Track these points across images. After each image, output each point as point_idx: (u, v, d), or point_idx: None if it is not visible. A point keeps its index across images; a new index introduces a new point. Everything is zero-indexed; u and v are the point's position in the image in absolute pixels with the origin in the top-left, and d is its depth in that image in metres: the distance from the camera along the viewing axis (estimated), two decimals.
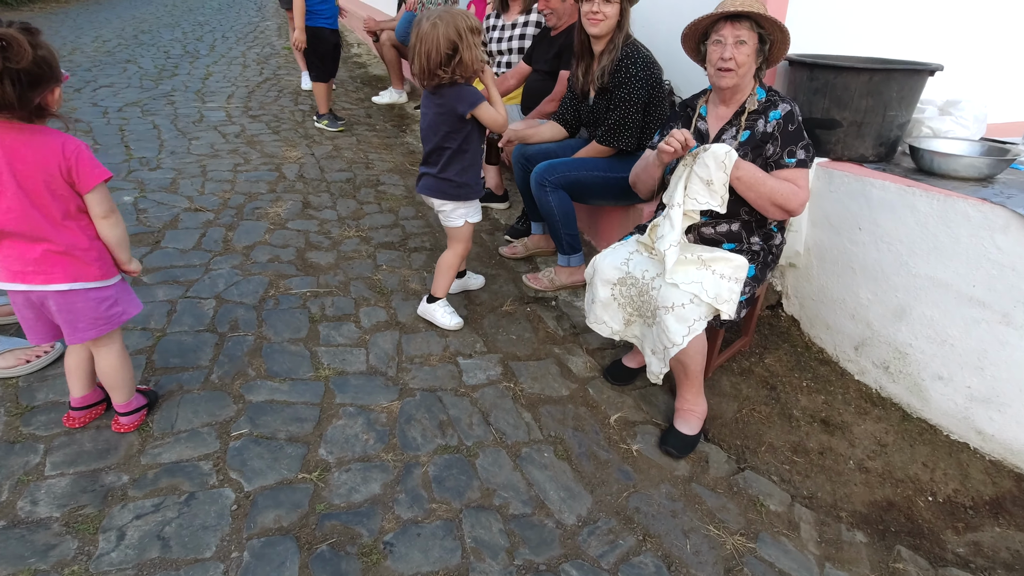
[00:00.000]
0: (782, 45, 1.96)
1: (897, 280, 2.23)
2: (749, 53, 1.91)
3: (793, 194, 1.93)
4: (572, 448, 1.93)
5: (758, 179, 1.91)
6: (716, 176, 1.88)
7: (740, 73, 1.94)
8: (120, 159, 3.75)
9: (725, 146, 1.87)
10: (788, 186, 1.93)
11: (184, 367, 2.02)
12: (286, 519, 1.53)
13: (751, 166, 1.91)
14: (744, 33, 1.88)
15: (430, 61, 2.09)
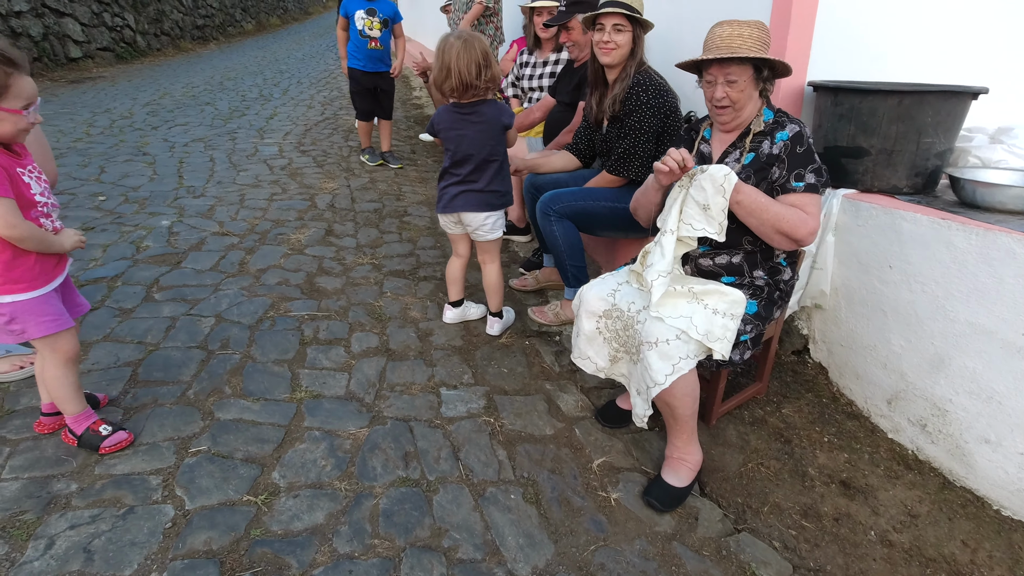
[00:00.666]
0: (782, 66, 1.82)
1: (933, 326, 1.96)
2: (743, 88, 1.78)
3: (801, 221, 1.75)
4: (544, 491, 1.78)
5: (761, 204, 1.74)
6: (714, 200, 1.74)
7: (737, 108, 1.81)
8: (171, 187, 3.99)
9: (724, 167, 1.73)
10: (795, 212, 1.75)
11: (165, 381, 2.04)
12: (217, 542, 1.46)
13: (753, 190, 1.76)
14: (733, 71, 1.76)
15: (470, 74, 2.20)
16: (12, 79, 1.40)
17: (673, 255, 1.79)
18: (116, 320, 2.37)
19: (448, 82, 2.24)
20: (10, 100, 1.42)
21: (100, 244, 3.05)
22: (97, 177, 4.11)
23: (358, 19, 4.25)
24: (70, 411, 1.70)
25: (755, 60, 1.76)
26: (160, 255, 2.96)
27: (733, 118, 1.86)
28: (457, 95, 2.29)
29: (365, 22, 4.24)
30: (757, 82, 1.81)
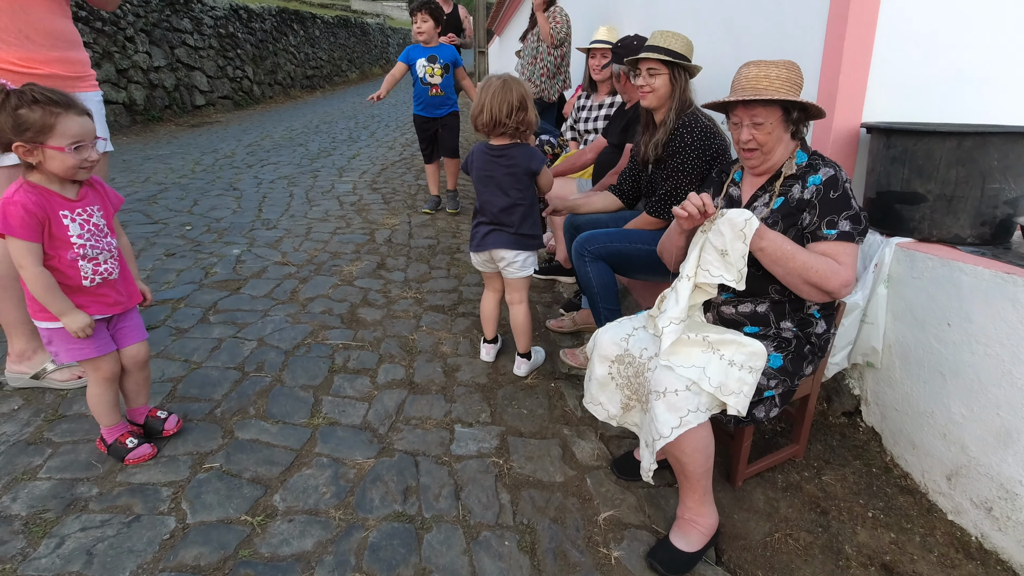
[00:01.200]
0: (815, 109, 1.72)
1: (998, 393, 1.72)
2: (770, 131, 1.71)
3: (833, 272, 1.62)
4: (541, 541, 1.70)
5: (786, 252, 1.63)
6: (733, 246, 1.65)
7: (765, 151, 1.74)
8: (249, 219, 4.33)
9: (745, 212, 1.64)
10: (826, 262, 1.63)
11: (198, 398, 2.17)
12: (206, 558, 1.51)
13: (779, 236, 1.65)
14: (760, 113, 1.70)
15: (501, 111, 2.26)
16: (58, 119, 1.56)
17: (688, 301, 1.70)
18: (171, 339, 2.57)
19: (480, 117, 2.30)
20: (56, 138, 1.57)
21: (176, 269, 3.34)
22: (190, 209, 4.54)
23: (419, 67, 4.31)
24: (105, 423, 1.83)
25: (782, 102, 1.68)
26: (224, 280, 3.20)
27: (762, 161, 1.78)
28: (487, 131, 2.35)
29: (426, 69, 4.29)
30: (787, 124, 1.72)
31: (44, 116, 1.52)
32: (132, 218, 4.25)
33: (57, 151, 1.55)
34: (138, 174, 5.67)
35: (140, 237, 3.85)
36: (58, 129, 1.54)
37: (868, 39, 2.21)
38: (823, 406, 2.35)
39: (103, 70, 9.00)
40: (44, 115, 1.52)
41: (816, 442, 2.18)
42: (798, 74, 1.72)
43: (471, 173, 2.43)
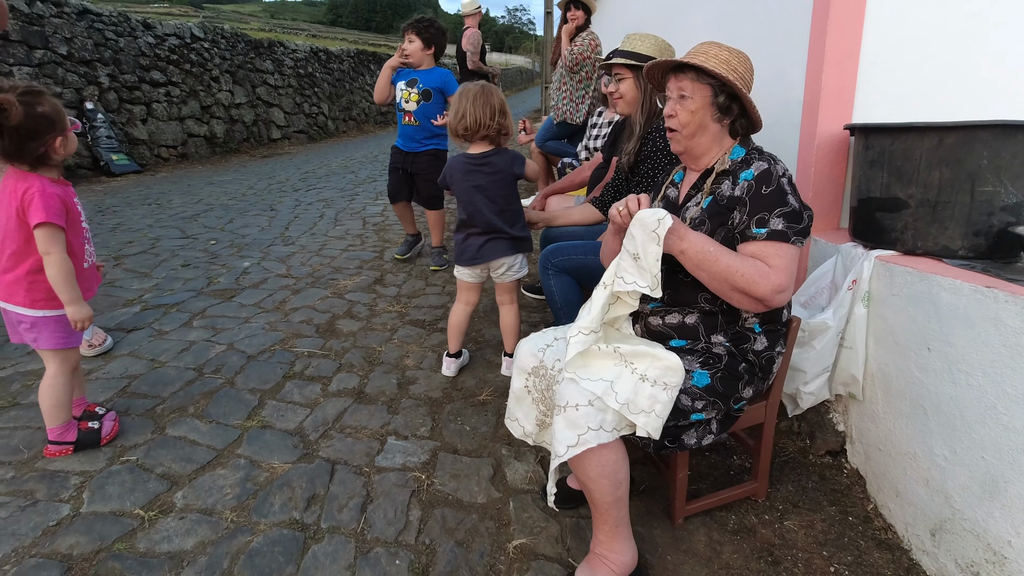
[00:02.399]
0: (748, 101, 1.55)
1: (982, 433, 1.44)
2: (693, 110, 1.55)
3: (761, 276, 1.42)
4: (437, 565, 1.57)
5: (709, 255, 1.45)
6: (646, 249, 1.48)
7: (685, 134, 1.58)
8: (273, 236, 4.51)
9: (659, 211, 1.47)
10: (754, 265, 1.43)
11: (146, 395, 2.21)
12: (80, 548, 1.50)
13: (701, 238, 1.47)
14: (687, 86, 1.55)
15: (484, 114, 2.27)
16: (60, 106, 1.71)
17: (604, 312, 1.54)
18: (148, 340, 2.66)
19: (463, 122, 2.28)
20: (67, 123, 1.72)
21: (185, 278, 3.50)
22: (223, 227, 4.79)
23: (398, 91, 3.63)
24: (63, 418, 1.83)
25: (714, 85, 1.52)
26: (222, 290, 3.31)
27: (684, 148, 1.62)
28: (468, 136, 2.32)
29: (403, 94, 3.60)
30: (714, 110, 1.56)
31: (55, 107, 1.64)
32: (167, 233, 4.54)
33: (71, 133, 1.68)
34: (194, 197, 6.09)
35: (167, 249, 4.09)
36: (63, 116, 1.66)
37: (854, 37, 2.01)
38: (805, 443, 2.07)
39: (188, 106, 9.86)
40: (55, 106, 1.64)
41: (787, 482, 1.91)
42: (744, 65, 1.56)
43: (452, 187, 2.39)
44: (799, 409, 1.97)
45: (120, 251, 4.03)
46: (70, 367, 1.84)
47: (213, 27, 10.87)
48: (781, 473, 1.96)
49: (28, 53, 7.22)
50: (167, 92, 9.41)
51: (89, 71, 8.05)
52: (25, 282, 1.74)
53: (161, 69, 9.33)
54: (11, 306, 1.76)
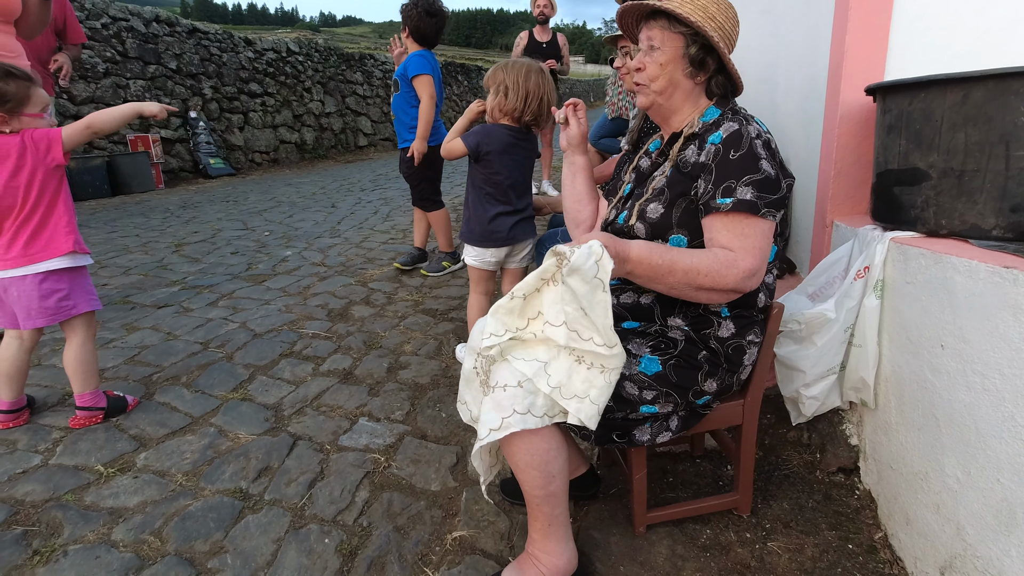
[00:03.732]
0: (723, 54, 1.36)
1: (999, 449, 1.16)
2: (664, 62, 1.38)
3: (726, 266, 1.22)
4: (367, 548, 1.49)
5: (662, 266, 1.23)
6: (591, 301, 1.18)
7: (655, 88, 1.41)
8: (323, 230, 4.68)
9: (591, 247, 1.16)
10: (715, 257, 1.23)
11: (148, 363, 2.32)
12: (33, 496, 1.56)
13: (645, 248, 1.24)
14: (656, 35, 1.38)
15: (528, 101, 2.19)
16: (32, 90, 1.82)
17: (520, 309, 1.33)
18: (172, 316, 2.81)
19: (530, 106, 2.20)
20: (32, 107, 1.83)
21: (229, 264, 3.70)
22: (281, 220, 5.04)
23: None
24: (94, 384, 1.91)
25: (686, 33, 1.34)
26: (257, 275, 3.45)
27: (651, 102, 1.44)
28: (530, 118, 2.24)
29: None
30: (685, 64, 1.38)
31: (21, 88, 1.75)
32: (231, 225, 4.84)
33: (36, 117, 1.78)
34: (268, 195, 6.47)
35: (224, 239, 4.35)
36: (33, 99, 1.76)
37: None
38: (814, 457, 1.79)
39: (282, 115, 10.58)
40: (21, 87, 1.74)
41: (783, 499, 1.66)
42: (725, 15, 1.37)
43: (487, 157, 2.25)
44: (803, 417, 1.71)
45: (183, 239, 4.34)
46: (95, 331, 1.94)
47: (308, 41, 11.61)
48: (778, 489, 1.70)
49: (143, 68, 8.05)
50: (263, 102, 10.14)
51: (195, 83, 8.84)
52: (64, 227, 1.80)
53: (259, 81, 10.07)
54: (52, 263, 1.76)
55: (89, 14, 7.42)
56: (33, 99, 1.82)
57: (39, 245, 1.76)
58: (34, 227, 1.76)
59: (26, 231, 1.75)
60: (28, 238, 1.75)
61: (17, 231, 1.74)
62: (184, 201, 6.20)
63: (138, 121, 7.87)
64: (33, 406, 1.97)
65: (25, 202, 1.75)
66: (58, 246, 1.78)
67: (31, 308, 1.76)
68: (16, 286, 1.74)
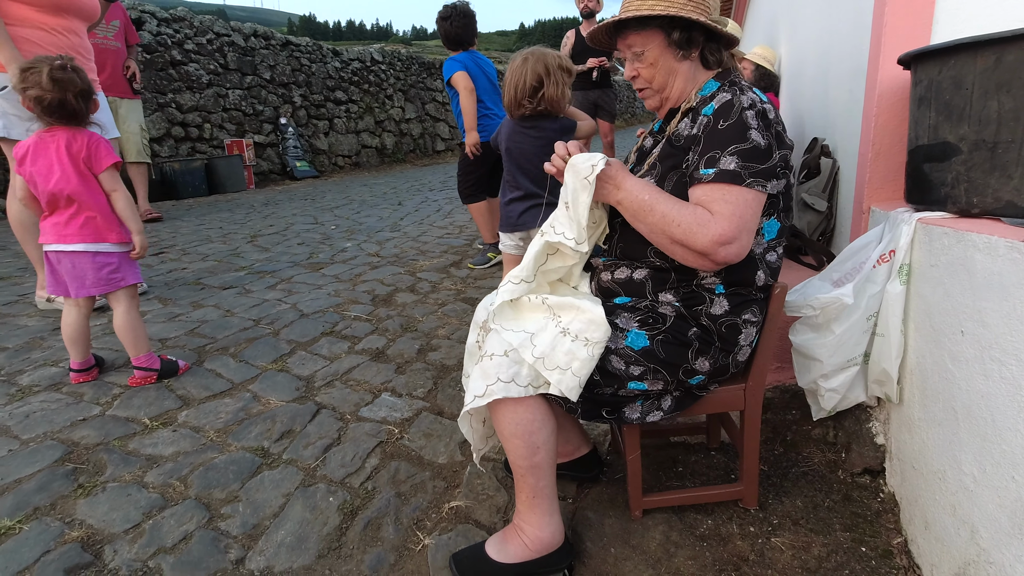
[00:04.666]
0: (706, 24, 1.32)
1: (1015, 444, 1.06)
2: (653, 61, 1.37)
3: (699, 225, 1.21)
4: (367, 509, 1.56)
5: (644, 204, 1.27)
6: (575, 198, 1.33)
7: (656, 87, 1.40)
8: (384, 225, 4.88)
9: (595, 156, 1.32)
10: (692, 213, 1.22)
11: (204, 335, 2.53)
12: (87, 439, 1.75)
13: (640, 185, 1.29)
14: (634, 41, 1.38)
15: (516, 92, 2.29)
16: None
17: (536, 259, 1.41)
18: (234, 296, 3.05)
19: (520, 95, 2.31)
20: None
21: (293, 253, 3.95)
22: (349, 216, 5.32)
23: None
24: (146, 347, 2.12)
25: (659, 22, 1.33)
26: (316, 263, 3.67)
27: (659, 102, 1.43)
28: (508, 110, 2.35)
29: None
30: (673, 50, 1.35)
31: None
32: (302, 220, 5.16)
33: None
34: (343, 195, 6.84)
35: (295, 232, 4.65)
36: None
37: None
38: (839, 456, 1.68)
39: (364, 121, 11.12)
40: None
41: (798, 496, 1.57)
42: None
43: (500, 146, 2.46)
44: (823, 411, 1.60)
45: (259, 231, 4.68)
46: (138, 301, 2.16)
47: (391, 51, 12.15)
48: (794, 486, 1.61)
49: (241, 78, 8.74)
50: (347, 109, 10.71)
51: (286, 92, 9.48)
52: (113, 220, 2.05)
53: (344, 89, 10.65)
54: (105, 245, 2.05)
55: (196, 31, 8.17)
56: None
57: (91, 228, 1.99)
58: (88, 214, 1.98)
59: (81, 216, 1.98)
60: (84, 221, 1.98)
61: (75, 214, 1.97)
62: (267, 199, 6.67)
63: (234, 126, 8.56)
64: (102, 366, 2.20)
65: (86, 190, 1.97)
66: (107, 233, 2.02)
67: (86, 279, 1.99)
68: (71, 259, 1.98)
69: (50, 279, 2.04)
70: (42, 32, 2.48)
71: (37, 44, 2.46)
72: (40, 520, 1.44)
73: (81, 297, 2.04)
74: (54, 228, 1.99)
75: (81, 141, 1.97)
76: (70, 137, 1.96)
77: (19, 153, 1.96)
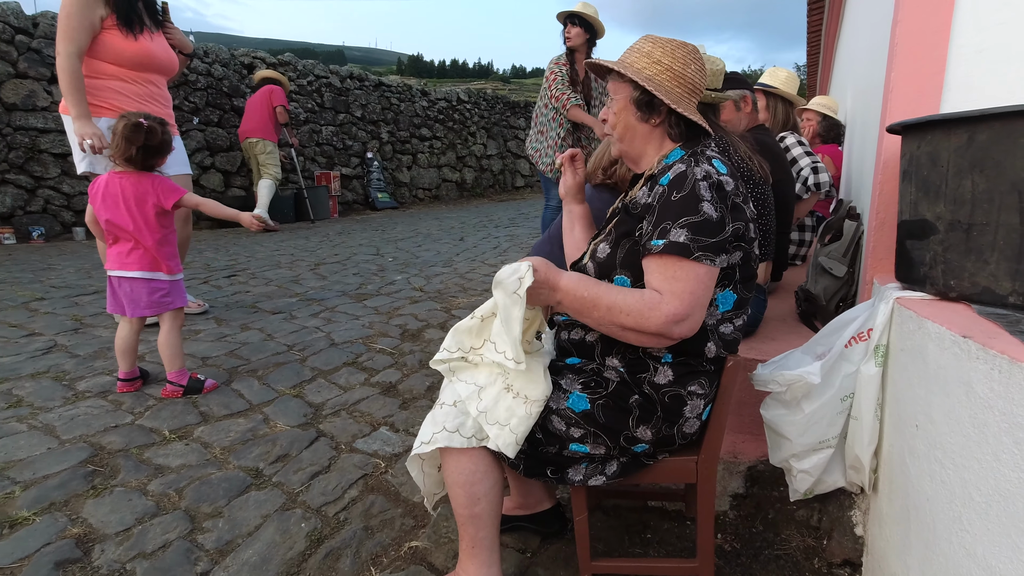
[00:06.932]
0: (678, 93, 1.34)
1: (949, 556, 0.98)
2: (617, 110, 1.41)
3: (649, 308, 1.20)
4: (332, 538, 1.64)
5: (586, 299, 1.26)
6: (509, 314, 1.26)
7: (617, 135, 1.43)
8: (441, 259, 5.08)
9: (519, 266, 1.27)
10: (641, 297, 1.22)
11: (239, 356, 2.75)
12: (112, 444, 1.97)
13: (575, 280, 1.28)
14: (611, 86, 1.43)
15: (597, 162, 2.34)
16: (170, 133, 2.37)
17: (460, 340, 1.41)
18: (279, 321, 3.29)
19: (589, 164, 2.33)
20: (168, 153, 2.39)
21: (345, 283, 4.21)
22: (409, 249, 5.58)
23: None
24: (180, 364, 2.37)
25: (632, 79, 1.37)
26: (362, 294, 3.89)
27: (619, 151, 1.47)
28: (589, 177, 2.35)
29: None
30: (635, 109, 1.38)
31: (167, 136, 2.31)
32: (365, 251, 5.47)
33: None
34: (412, 227, 7.18)
35: (354, 263, 4.95)
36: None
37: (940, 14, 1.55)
38: (820, 543, 1.57)
39: (446, 156, 11.64)
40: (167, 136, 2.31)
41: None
42: (673, 56, 1.37)
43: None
44: (796, 493, 1.51)
45: (323, 260, 5.02)
46: (182, 321, 2.42)
47: (477, 91, 12.70)
48: (763, 570, 1.52)
49: (334, 116, 9.48)
50: (430, 144, 11.28)
51: (374, 128, 10.15)
52: (165, 255, 2.35)
53: (429, 127, 11.24)
54: (158, 274, 2.34)
55: (299, 74, 8.99)
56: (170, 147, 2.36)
57: (148, 260, 2.28)
58: (144, 248, 2.26)
59: (140, 249, 2.26)
60: (141, 254, 2.27)
61: (134, 247, 2.26)
62: (343, 229, 7.13)
63: (324, 159, 9.25)
64: (146, 379, 2.46)
65: (145, 228, 2.25)
66: (160, 265, 2.31)
67: (140, 301, 2.25)
68: (130, 284, 2.26)
69: (110, 299, 2.33)
70: (125, 83, 2.89)
71: (120, 93, 2.87)
72: (51, 514, 1.64)
73: (135, 317, 2.31)
74: (117, 257, 2.29)
75: (146, 185, 2.27)
76: (136, 181, 2.26)
77: (93, 188, 2.27)
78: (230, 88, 7.94)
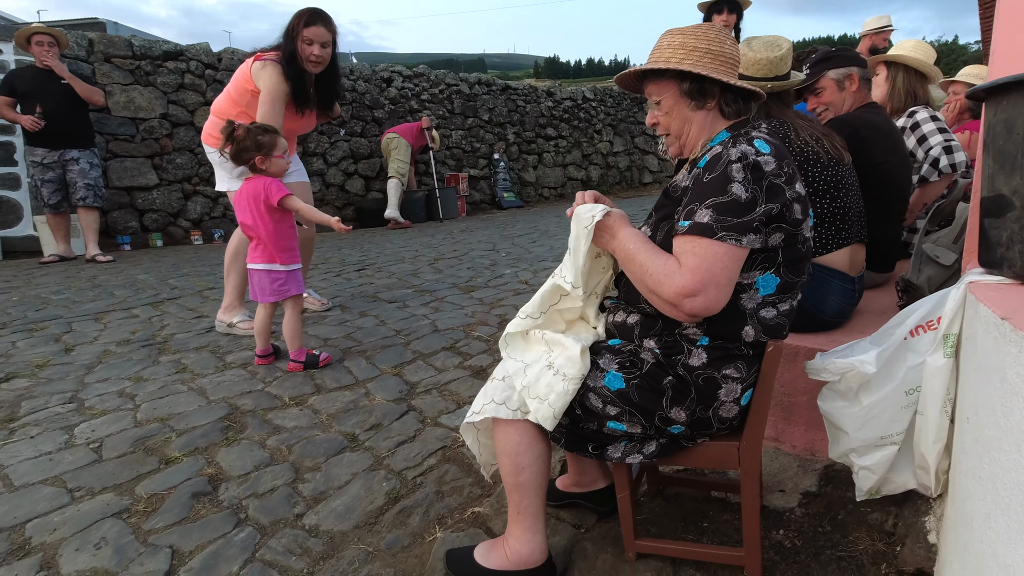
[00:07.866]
0: (723, 70, 1.33)
1: (985, 567, 0.91)
2: (668, 110, 1.43)
3: (666, 276, 1.26)
4: (405, 498, 1.83)
5: (628, 253, 1.36)
6: (577, 244, 1.47)
7: (676, 135, 1.47)
8: (552, 255, 5.20)
9: (597, 207, 1.45)
10: (663, 264, 1.29)
11: (354, 339, 3.09)
12: (244, 406, 2.34)
13: (630, 235, 1.39)
14: (653, 90, 1.46)
15: None
16: (275, 139, 2.72)
17: (542, 297, 1.55)
18: (393, 309, 3.63)
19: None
20: (276, 151, 2.74)
21: (458, 275, 4.49)
22: (525, 245, 5.76)
23: None
24: (299, 344, 2.75)
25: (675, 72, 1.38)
26: (471, 286, 4.13)
27: (679, 150, 1.48)
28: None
29: None
30: (687, 100, 1.39)
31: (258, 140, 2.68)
32: (482, 247, 5.76)
33: (279, 159, 2.70)
34: (532, 224, 7.40)
35: (470, 257, 5.24)
36: (277, 146, 2.67)
37: None
38: (892, 548, 1.45)
39: (572, 155, 11.74)
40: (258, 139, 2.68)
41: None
42: (710, 39, 1.37)
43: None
44: (860, 492, 1.41)
45: (442, 255, 5.38)
46: (301, 306, 2.80)
47: (603, 88, 12.63)
48: (823, 570, 1.44)
49: (463, 120, 10.00)
50: (556, 144, 11.44)
51: (501, 130, 10.54)
52: (280, 248, 2.73)
53: (554, 126, 11.41)
54: (275, 265, 2.74)
55: (432, 84, 9.62)
56: (277, 146, 2.69)
57: (266, 253, 2.65)
58: (263, 242, 2.63)
59: (261, 244, 2.64)
60: (263, 248, 2.64)
61: (259, 242, 2.65)
62: (467, 226, 7.53)
63: (454, 161, 9.80)
64: (278, 355, 2.87)
65: (261, 224, 2.62)
66: (276, 257, 2.65)
67: (265, 289, 2.65)
68: (257, 275, 2.67)
69: (251, 288, 2.76)
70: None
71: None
72: (194, 456, 2.02)
73: (266, 303, 2.72)
74: (250, 252, 2.72)
75: (259, 185, 2.63)
76: (253, 183, 2.65)
77: (234, 199, 2.72)
78: (371, 101, 8.73)
